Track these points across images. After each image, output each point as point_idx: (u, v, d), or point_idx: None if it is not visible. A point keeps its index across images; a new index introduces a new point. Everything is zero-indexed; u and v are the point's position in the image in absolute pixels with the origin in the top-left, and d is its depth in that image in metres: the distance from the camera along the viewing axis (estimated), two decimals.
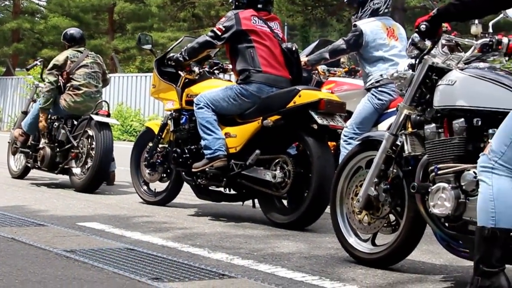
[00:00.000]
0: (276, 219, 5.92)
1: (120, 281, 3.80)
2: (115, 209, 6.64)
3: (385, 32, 6.74)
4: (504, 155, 3.35)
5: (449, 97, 3.86)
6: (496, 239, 3.32)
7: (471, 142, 3.78)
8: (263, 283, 3.87)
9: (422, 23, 3.87)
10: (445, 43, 4.01)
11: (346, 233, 4.57)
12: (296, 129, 5.85)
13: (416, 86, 4.09)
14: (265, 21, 6.31)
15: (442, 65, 4.02)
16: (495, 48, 3.91)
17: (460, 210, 3.74)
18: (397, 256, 4.33)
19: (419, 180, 4.01)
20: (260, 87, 6.08)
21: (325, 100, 5.66)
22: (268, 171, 5.87)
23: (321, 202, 5.60)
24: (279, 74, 6.19)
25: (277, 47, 6.26)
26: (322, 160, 5.64)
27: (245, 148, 6.06)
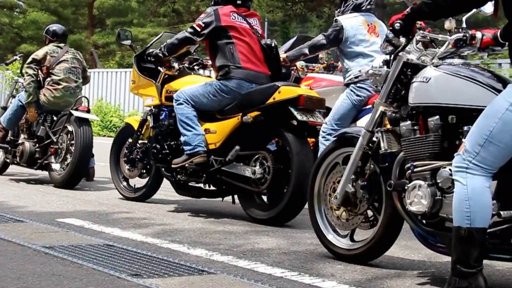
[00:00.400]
0: (255, 215, 5.93)
1: (99, 278, 3.79)
2: (95, 205, 6.63)
3: (366, 28, 6.76)
4: (478, 155, 3.37)
5: (424, 94, 3.88)
6: (473, 239, 3.34)
7: (447, 139, 3.79)
8: (243, 279, 3.87)
9: (396, 21, 3.89)
10: (419, 39, 4.02)
11: (324, 229, 4.58)
12: (275, 125, 5.86)
13: (391, 82, 4.09)
14: (244, 17, 6.30)
15: (416, 61, 4.03)
16: (469, 43, 3.94)
17: (437, 207, 3.75)
18: (375, 252, 4.35)
19: (395, 178, 4.03)
20: (240, 83, 6.07)
21: (304, 96, 5.68)
22: (247, 167, 5.89)
23: (301, 198, 5.60)
24: (259, 70, 6.18)
25: (256, 43, 6.26)
26: (302, 156, 5.65)
27: (224, 144, 6.06)
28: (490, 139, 3.34)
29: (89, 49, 34.73)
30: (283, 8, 21.42)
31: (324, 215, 4.60)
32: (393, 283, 3.92)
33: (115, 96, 21.88)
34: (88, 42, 36.56)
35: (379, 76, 4.21)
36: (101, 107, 20.97)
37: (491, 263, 4.26)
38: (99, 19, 39.34)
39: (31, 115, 8.41)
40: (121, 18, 37.64)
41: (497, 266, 4.34)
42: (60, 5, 37.04)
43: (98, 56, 31.84)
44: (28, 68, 8.39)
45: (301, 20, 31.09)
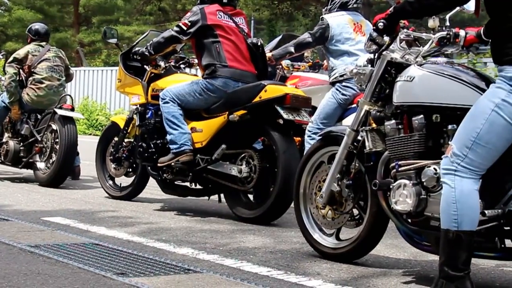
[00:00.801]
0: (242, 214, 5.93)
1: (84, 276, 3.78)
2: (80, 203, 6.61)
3: (352, 27, 6.76)
4: (467, 158, 3.37)
5: (408, 93, 3.88)
6: (461, 242, 3.35)
7: (431, 138, 3.80)
8: (229, 277, 3.87)
9: (379, 20, 3.89)
10: (403, 38, 4.02)
11: (310, 228, 4.59)
12: (262, 123, 5.87)
13: (376, 81, 4.09)
14: (230, 16, 6.30)
15: (400, 60, 4.03)
16: (452, 41, 3.95)
17: (422, 206, 3.76)
18: (361, 251, 4.36)
19: (380, 177, 4.04)
20: (226, 82, 6.06)
21: (290, 95, 5.69)
22: (234, 165, 5.89)
23: (287, 197, 5.59)
24: (245, 69, 6.19)
25: (242, 42, 6.26)
26: (288, 155, 5.66)
27: (211, 142, 6.06)
28: (477, 141, 3.34)
29: (75, 47, 34.63)
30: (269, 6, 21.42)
31: (310, 214, 4.61)
32: (379, 281, 3.93)
33: (101, 95, 21.84)
34: (74, 40, 36.46)
35: (363, 75, 4.21)
36: (87, 105, 20.91)
37: (476, 261, 4.27)
38: (85, 17, 39.23)
39: (15, 113, 8.38)
40: (107, 16, 37.55)
41: (482, 265, 4.36)
42: (45, 3, 36.92)
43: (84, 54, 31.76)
44: (9, 67, 8.36)
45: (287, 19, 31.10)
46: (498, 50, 3.39)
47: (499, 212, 3.47)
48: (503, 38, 3.35)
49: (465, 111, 3.46)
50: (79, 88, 22.05)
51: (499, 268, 4.30)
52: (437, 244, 3.57)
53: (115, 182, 7.17)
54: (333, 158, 4.35)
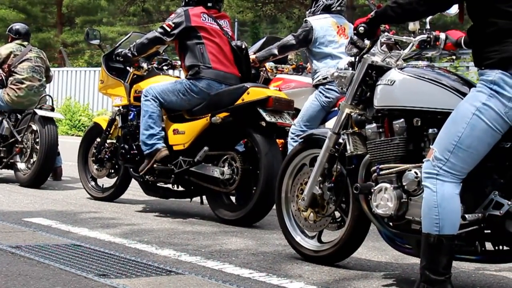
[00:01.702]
0: (224, 216, 5.92)
1: (66, 278, 3.77)
2: (62, 204, 6.59)
3: (335, 30, 6.80)
4: (448, 162, 3.39)
5: (388, 97, 3.89)
6: (442, 246, 3.37)
7: (412, 142, 3.81)
8: (211, 279, 3.87)
9: (360, 25, 3.89)
10: (384, 41, 4.03)
11: (292, 230, 4.59)
12: (244, 126, 5.87)
13: (357, 84, 4.10)
14: (214, 19, 6.29)
15: (381, 63, 4.05)
16: (433, 44, 3.98)
17: (403, 209, 3.77)
18: (343, 253, 4.37)
19: (361, 180, 4.05)
20: (210, 84, 6.05)
21: (273, 98, 5.70)
22: (216, 167, 5.89)
23: (269, 199, 5.58)
24: (229, 71, 6.18)
25: (226, 44, 6.25)
26: (270, 157, 5.66)
27: (193, 144, 6.05)
28: (459, 145, 3.36)
29: (58, 48, 34.49)
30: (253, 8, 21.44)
31: (292, 216, 4.61)
32: (360, 284, 3.94)
33: (83, 95, 21.75)
34: (57, 40, 36.32)
35: (345, 78, 4.21)
36: (69, 106, 20.83)
37: (457, 264, 4.30)
38: (68, 18, 39.07)
39: None
40: (91, 17, 37.42)
41: (463, 268, 4.38)
42: (28, 2, 36.76)
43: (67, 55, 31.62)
44: None
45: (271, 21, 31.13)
46: (479, 54, 3.42)
47: (479, 216, 3.49)
48: (484, 42, 3.38)
49: (446, 115, 3.48)
50: (62, 89, 21.97)
51: (480, 271, 4.33)
52: (418, 247, 3.58)
53: (98, 183, 7.15)
54: (315, 161, 4.36)
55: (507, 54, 3.28)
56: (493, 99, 3.31)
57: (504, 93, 3.28)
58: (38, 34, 36.36)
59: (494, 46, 3.33)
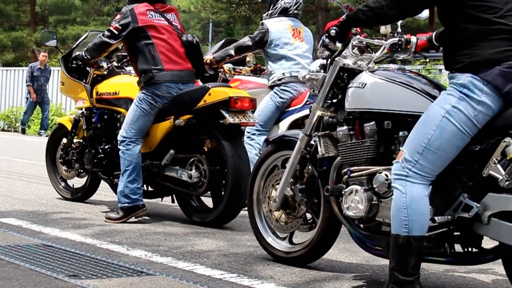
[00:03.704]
0: (194, 218, 5.92)
1: (36, 278, 3.76)
2: (34, 205, 6.55)
3: (291, 32, 6.93)
4: (418, 163, 3.42)
5: (359, 100, 3.91)
6: (411, 247, 3.39)
7: (382, 144, 3.83)
8: (182, 280, 3.88)
9: (332, 28, 3.90)
10: (355, 44, 4.04)
11: (264, 232, 4.60)
12: (208, 127, 5.85)
13: (328, 87, 4.10)
14: (161, 14, 6.09)
15: (353, 66, 4.06)
16: (404, 47, 4.01)
17: (373, 211, 3.79)
18: (314, 255, 4.39)
19: (332, 182, 4.07)
20: (168, 87, 5.91)
21: (235, 98, 5.68)
22: (184, 170, 5.87)
23: (238, 200, 5.64)
24: (182, 68, 6.02)
25: (176, 39, 6.07)
26: (236, 158, 5.67)
27: (159, 147, 6.02)
28: (428, 147, 3.39)
29: (31, 47, 34.28)
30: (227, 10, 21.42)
31: (263, 217, 4.62)
32: (331, 285, 3.96)
33: (56, 95, 21.62)
34: (30, 39, 36.09)
35: (316, 80, 4.23)
36: None
37: (426, 266, 4.33)
38: (42, 17, 38.85)
39: None
40: (64, 16, 37.23)
41: (432, 269, 4.42)
42: (1, 1, 36.51)
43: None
44: None
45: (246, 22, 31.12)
46: (450, 58, 3.46)
47: (448, 218, 3.52)
48: (455, 46, 3.42)
49: (416, 118, 3.51)
50: None
51: (449, 273, 4.36)
52: (388, 249, 3.59)
53: (68, 183, 7.11)
54: (287, 162, 4.37)
55: (477, 58, 3.33)
56: (463, 102, 3.34)
57: (474, 97, 3.32)
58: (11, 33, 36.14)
59: (465, 50, 3.37)
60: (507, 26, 3.33)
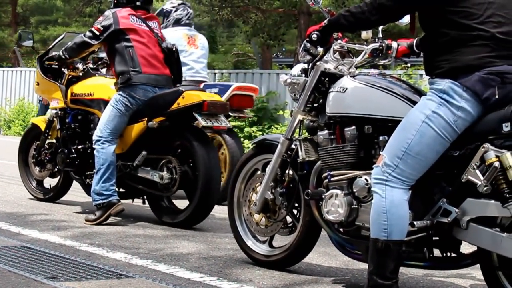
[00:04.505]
0: (165, 219, 5.96)
1: (15, 280, 3.75)
2: (13, 206, 6.52)
3: (186, 40, 7.75)
4: (397, 168, 3.44)
5: (340, 104, 3.93)
6: (389, 251, 3.41)
7: (363, 149, 3.85)
8: (161, 283, 3.87)
9: (313, 32, 3.91)
10: (336, 49, 4.07)
11: (244, 235, 4.61)
12: (181, 129, 5.93)
13: (309, 91, 4.12)
14: (143, 20, 6.22)
15: (334, 71, 4.08)
16: (385, 53, 4.06)
17: (353, 216, 3.80)
18: (293, 258, 4.40)
19: (313, 186, 4.08)
20: (144, 90, 5.99)
21: (208, 102, 5.76)
22: (155, 172, 5.92)
23: (208, 201, 5.74)
24: (159, 73, 6.12)
25: (156, 45, 6.20)
26: (207, 160, 5.73)
27: (132, 148, 6.07)
28: (408, 151, 3.42)
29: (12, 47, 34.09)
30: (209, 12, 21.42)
31: (243, 220, 4.63)
32: None
33: (37, 96, 21.53)
34: (11, 40, 35.89)
35: (297, 84, 4.25)
36: (22, 106, 20.60)
37: (405, 270, 4.35)
38: (23, 17, 38.64)
39: None
40: (46, 17, 37.06)
41: (411, 274, 4.43)
42: None
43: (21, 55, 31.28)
44: None
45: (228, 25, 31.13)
46: (430, 63, 3.50)
47: (427, 223, 3.54)
48: (436, 52, 3.45)
49: (397, 123, 3.53)
50: (15, 89, 21.72)
51: (428, 278, 4.38)
52: (367, 253, 3.61)
53: (41, 184, 7.08)
54: (267, 166, 4.38)
55: (457, 64, 3.36)
56: (442, 108, 3.37)
57: (453, 102, 3.36)
58: None
59: (445, 56, 3.41)
60: (487, 32, 3.36)
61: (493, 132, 3.35)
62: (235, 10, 20.79)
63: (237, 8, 20.62)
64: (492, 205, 3.35)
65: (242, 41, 31.06)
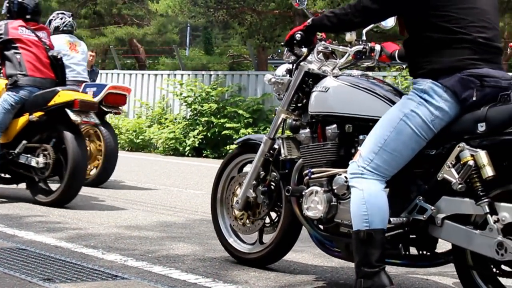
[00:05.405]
0: (40, 199, 6.91)
1: (10, 282, 3.74)
2: (8, 208, 6.52)
3: (68, 46, 8.89)
4: (373, 162, 3.52)
5: (322, 103, 3.99)
6: (372, 240, 3.45)
7: (343, 147, 3.92)
8: (156, 284, 3.87)
9: (297, 32, 3.97)
10: (320, 50, 4.15)
11: (226, 232, 4.69)
12: (56, 123, 6.93)
13: (293, 91, 4.18)
14: (33, 31, 7.22)
15: (317, 71, 4.15)
16: (368, 55, 4.16)
17: (332, 212, 3.86)
18: (274, 256, 4.47)
19: (294, 183, 4.14)
20: (30, 90, 6.99)
21: (78, 100, 6.82)
22: (33, 157, 6.93)
23: (75, 185, 6.80)
24: (44, 76, 7.12)
25: (43, 52, 7.18)
26: (76, 150, 6.75)
27: (16, 139, 7.07)
28: (384, 147, 3.50)
29: None
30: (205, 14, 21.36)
31: (226, 218, 4.70)
32: None
33: None
34: None
35: (282, 84, 4.32)
36: None
37: (400, 271, 4.35)
38: None
39: None
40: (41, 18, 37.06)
41: (392, 272, 4.44)
42: None
43: None
44: None
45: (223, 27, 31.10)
46: (413, 64, 3.62)
47: (404, 220, 3.60)
48: (419, 53, 3.56)
49: (376, 122, 3.61)
50: None
51: (424, 280, 4.39)
52: (346, 250, 3.77)
53: None
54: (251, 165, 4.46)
55: (438, 65, 3.47)
56: (421, 107, 3.47)
57: (433, 102, 3.45)
58: None
59: (428, 57, 3.52)
60: (469, 36, 3.47)
61: (469, 132, 3.42)
62: (231, 11, 20.78)
63: (233, 10, 20.60)
64: (466, 203, 3.42)
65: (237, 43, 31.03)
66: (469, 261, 3.51)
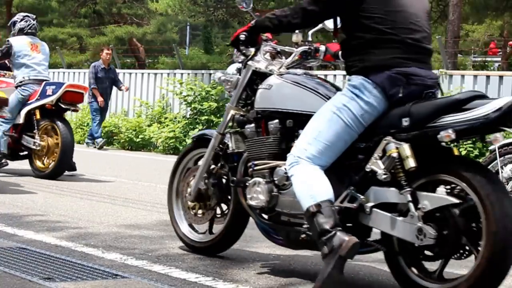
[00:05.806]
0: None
1: (10, 281, 3.75)
2: (8, 207, 6.52)
3: (29, 47, 9.44)
4: (307, 152, 3.80)
5: (266, 100, 4.27)
6: (322, 210, 3.65)
7: (284, 141, 4.19)
8: (157, 283, 3.88)
9: (241, 33, 4.24)
10: (267, 50, 4.42)
11: (180, 223, 4.91)
12: None
13: (241, 89, 4.47)
14: None
15: (264, 70, 4.40)
16: (313, 55, 4.45)
17: (273, 202, 4.16)
18: (223, 245, 4.74)
19: (240, 175, 4.41)
20: None
21: None
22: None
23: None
24: None
25: None
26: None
27: None
28: (318, 138, 3.79)
29: None
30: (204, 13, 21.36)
31: (181, 210, 4.93)
32: None
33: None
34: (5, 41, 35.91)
35: (231, 82, 4.60)
36: None
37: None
38: None
39: None
40: (41, 18, 36.98)
41: None
42: None
43: None
44: None
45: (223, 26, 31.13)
46: (348, 63, 3.91)
47: (337, 208, 3.77)
48: (353, 52, 3.87)
49: None
50: None
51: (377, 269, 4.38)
52: (288, 238, 4.12)
53: None
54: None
55: (369, 63, 3.77)
56: (352, 102, 3.77)
57: (363, 97, 3.75)
58: None
59: (360, 56, 3.81)
60: (398, 36, 3.76)
61: (395, 126, 3.68)
62: (230, 10, 20.80)
63: (232, 9, 20.62)
64: (391, 192, 3.68)
65: None
66: (395, 247, 3.75)
